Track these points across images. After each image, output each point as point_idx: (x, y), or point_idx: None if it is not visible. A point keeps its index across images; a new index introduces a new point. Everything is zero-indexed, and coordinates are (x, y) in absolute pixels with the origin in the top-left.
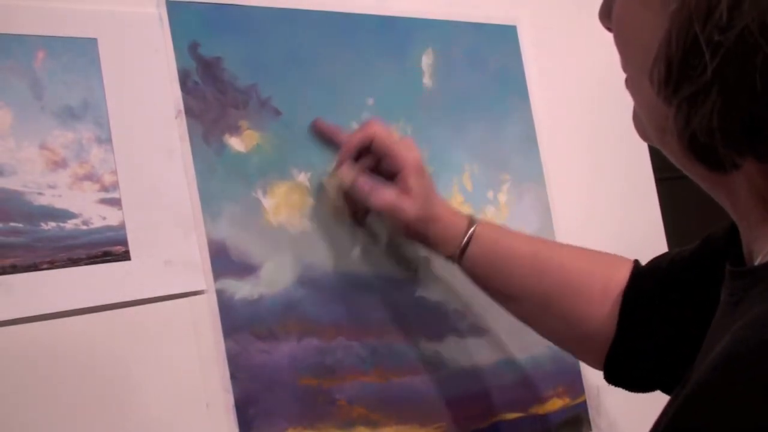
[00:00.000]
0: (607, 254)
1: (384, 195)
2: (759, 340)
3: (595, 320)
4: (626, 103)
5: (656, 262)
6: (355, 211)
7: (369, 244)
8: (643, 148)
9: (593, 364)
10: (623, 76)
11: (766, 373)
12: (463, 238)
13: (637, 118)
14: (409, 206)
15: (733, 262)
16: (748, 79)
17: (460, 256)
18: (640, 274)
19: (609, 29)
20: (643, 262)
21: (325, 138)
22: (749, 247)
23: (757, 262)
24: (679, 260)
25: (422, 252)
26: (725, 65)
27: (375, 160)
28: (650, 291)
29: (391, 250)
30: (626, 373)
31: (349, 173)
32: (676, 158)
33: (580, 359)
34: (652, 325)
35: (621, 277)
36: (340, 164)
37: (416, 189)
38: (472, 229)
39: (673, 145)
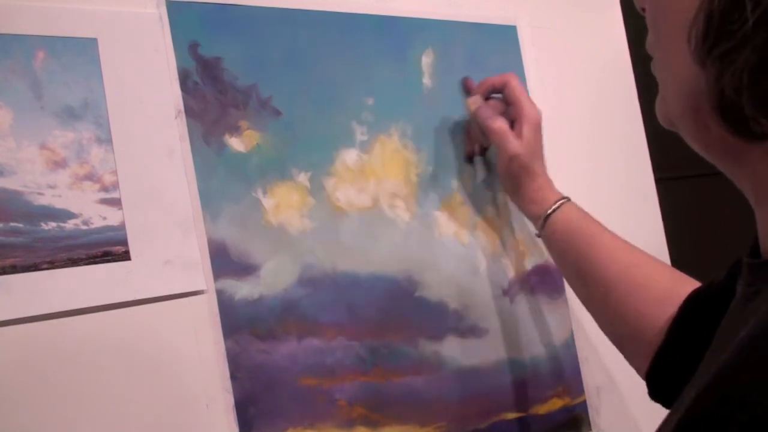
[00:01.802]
0: (680, 272)
1: (499, 121)
2: None
3: (649, 324)
4: (626, 103)
5: (716, 279)
6: (474, 144)
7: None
8: (643, 148)
9: (640, 372)
10: (623, 75)
11: None
12: (552, 204)
13: (662, 102)
14: (516, 143)
15: (751, 254)
16: None
17: (544, 220)
18: (701, 292)
19: (643, 9)
20: None
21: (468, 90)
22: (765, 237)
23: None
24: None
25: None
26: (764, 21)
27: (504, 105)
28: (702, 310)
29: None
30: (666, 389)
31: (475, 101)
32: (698, 139)
33: (629, 362)
34: (698, 344)
35: (684, 291)
36: (472, 95)
37: (527, 137)
38: (562, 200)
39: (697, 121)
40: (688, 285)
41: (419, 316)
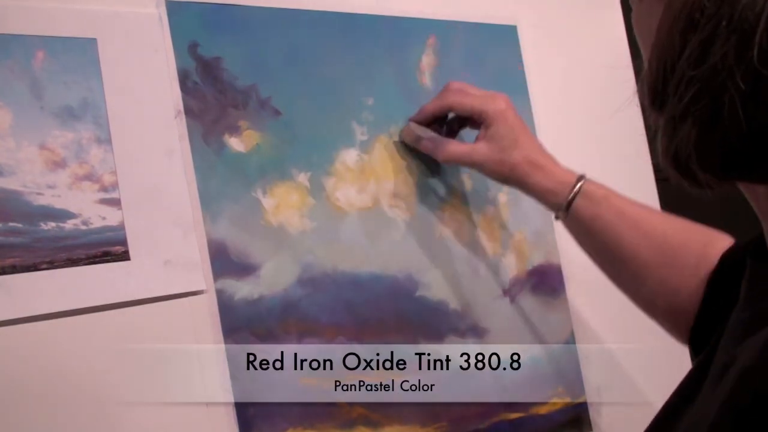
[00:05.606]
0: (708, 229)
1: (448, 148)
2: None
3: (685, 294)
4: (627, 103)
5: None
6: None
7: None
8: (643, 148)
9: (681, 340)
10: (623, 76)
11: None
12: (572, 190)
13: None
14: (482, 154)
15: (755, 256)
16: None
17: (566, 208)
18: (732, 253)
19: None
20: None
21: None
22: None
23: None
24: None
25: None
26: (702, 94)
27: (462, 120)
28: (736, 272)
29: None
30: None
31: (408, 134)
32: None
33: (668, 332)
34: (735, 302)
35: (716, 253)
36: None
37: (496, 137)
38: (581, 183)
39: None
40: (720, 242)
41: (419, 316)
